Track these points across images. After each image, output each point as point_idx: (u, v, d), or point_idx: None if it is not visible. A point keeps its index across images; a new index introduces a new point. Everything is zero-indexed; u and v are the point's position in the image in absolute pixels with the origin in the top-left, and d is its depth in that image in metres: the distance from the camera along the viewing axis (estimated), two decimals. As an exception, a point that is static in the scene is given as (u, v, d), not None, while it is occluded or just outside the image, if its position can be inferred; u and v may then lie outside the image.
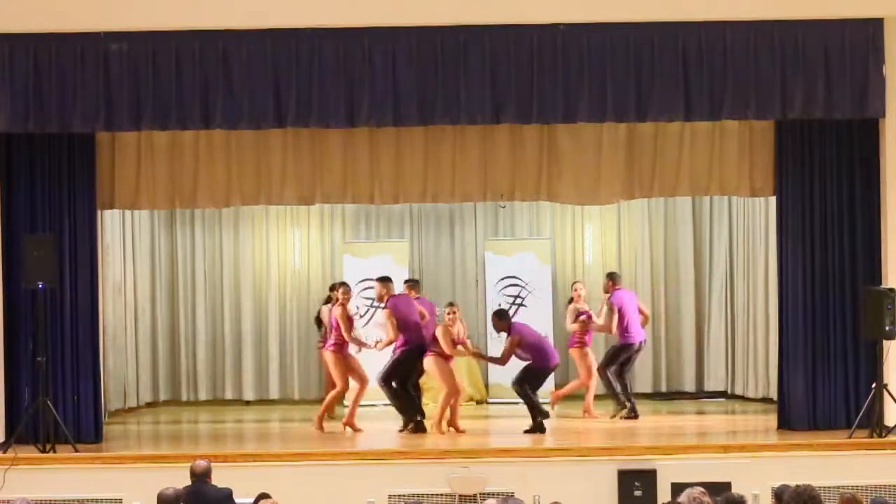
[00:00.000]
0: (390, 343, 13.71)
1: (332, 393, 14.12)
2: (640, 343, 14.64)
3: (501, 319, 13.86)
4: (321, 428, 13.94)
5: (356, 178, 13.56)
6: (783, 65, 12.58)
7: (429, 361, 13.58)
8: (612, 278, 14.79)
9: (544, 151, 13.52)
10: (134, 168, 13.47)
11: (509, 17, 12.55)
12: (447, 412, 13.60)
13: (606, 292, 14.74)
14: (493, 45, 12.60)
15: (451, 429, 13.63)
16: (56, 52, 12.56)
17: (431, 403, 15.54)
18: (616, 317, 14.44)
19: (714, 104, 12.62)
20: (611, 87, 12.60)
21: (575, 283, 15.30)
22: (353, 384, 14.08)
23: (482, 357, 14.90)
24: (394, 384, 13.66)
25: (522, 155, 13.50)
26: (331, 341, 13.89)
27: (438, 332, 13.51)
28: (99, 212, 13.50)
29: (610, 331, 14.63)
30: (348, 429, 13.70)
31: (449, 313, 13.77)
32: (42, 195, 13.14)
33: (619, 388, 14.50)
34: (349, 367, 13.94)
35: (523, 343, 13.58)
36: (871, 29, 12.65)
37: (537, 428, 13.35)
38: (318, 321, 15.36)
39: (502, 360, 13.96)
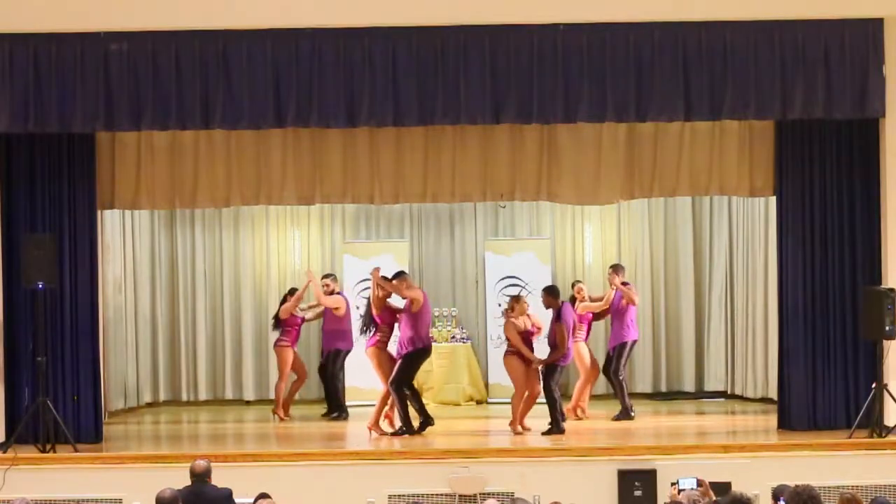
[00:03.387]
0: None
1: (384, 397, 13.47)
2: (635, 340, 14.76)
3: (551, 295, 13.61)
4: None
5: (356, 178, 13.56)
6: (783, 65, 12.58)
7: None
8: (619, 270, 14.71)
9: (544, 151, 13.53)
10: (134, 168, 13.49)
11: (509, 17, 12.54)
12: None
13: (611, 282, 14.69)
14: (493, 45, 12.59)
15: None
16: (56, 52, 12.56)
17: (431, 403, 15.53)
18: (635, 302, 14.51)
19: (714, 104, 12.62)
20: (611, 87, 12.59)
21: (577, 282, 15.21)
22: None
23: None
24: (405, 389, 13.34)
25: (522, 155, 13.50)
26: (374, 337, 13.41)
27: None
28: (99, 212, 13.52)
29: (634, 303, 14.45)
30: (373, 432, 13.31)
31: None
32: (42, 195, 13.14)
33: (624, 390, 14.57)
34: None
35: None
36: (871, 29, 12.65)
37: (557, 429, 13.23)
38: (277, 321, 15.26)
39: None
